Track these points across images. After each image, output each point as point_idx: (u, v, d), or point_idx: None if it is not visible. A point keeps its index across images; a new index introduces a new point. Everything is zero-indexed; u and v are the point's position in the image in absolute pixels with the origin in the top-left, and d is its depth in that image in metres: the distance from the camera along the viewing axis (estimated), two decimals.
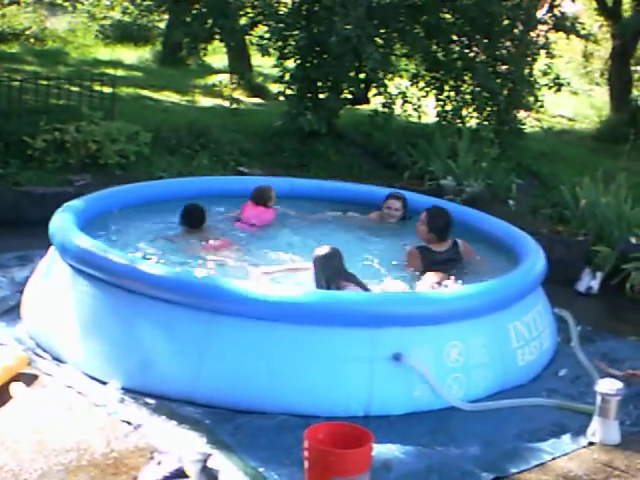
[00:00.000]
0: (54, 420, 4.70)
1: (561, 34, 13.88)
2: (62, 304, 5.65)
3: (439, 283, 6.14)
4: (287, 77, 11.55)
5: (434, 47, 11.92)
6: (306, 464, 4.00)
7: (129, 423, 4.72)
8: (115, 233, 6.88)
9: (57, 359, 5.49)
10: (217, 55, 18.19)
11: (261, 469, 4.33)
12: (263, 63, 16.49)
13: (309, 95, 11.50)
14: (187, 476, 4.07)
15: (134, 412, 4.84)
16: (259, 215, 7.51)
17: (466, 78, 11.99)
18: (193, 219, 6.98)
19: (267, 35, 11.51)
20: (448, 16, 11.90)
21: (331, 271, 5.66)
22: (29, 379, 5.16)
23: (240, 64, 16.03)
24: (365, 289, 5.65)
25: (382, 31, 11.31)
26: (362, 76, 11.60)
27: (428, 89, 12.30)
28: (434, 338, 5.28)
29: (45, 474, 4.14)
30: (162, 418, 4.79)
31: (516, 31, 11.95)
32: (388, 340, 5.12)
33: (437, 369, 5.20)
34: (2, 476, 4.08)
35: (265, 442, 4.61)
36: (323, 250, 5.74)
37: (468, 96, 12.00)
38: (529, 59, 12.12)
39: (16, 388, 5.00)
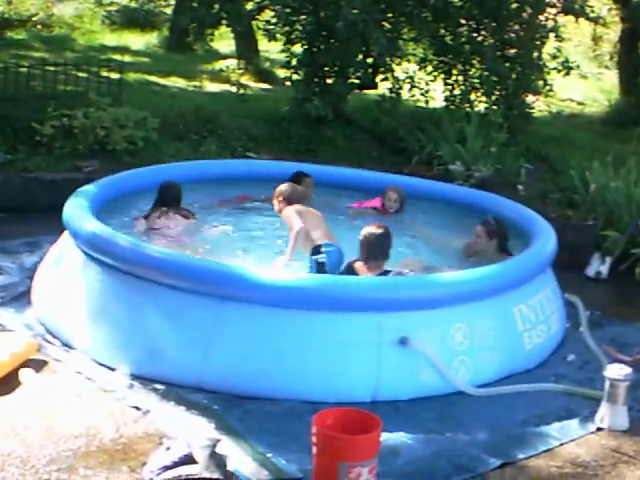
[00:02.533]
0: (63, 406, 4.72)
1: (570, 17, 13.78)
2: (72, 290, 5.67)
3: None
4: (294, 62, 11.51)
5: (442, 31, 11.84)
6: (314, 450, 4.01)
7: (138, 409, 4.74)
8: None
9: (66, 345, 5.50)
10: (224, 40, 18.13)
11: (269, 455, 4.35)
12: (270, 48, 16.43)
13: (316, 80, 11.46)
14: (196, 462, 4.08)
15: (143, 398, 4.86)
16: (369, 201, 7.99)
17: (474, 62, 11.92)
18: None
19: (274, 20, 11.47)
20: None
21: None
22: (38, 365, 5.18)
23: (247, 49, 15.98)
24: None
25: (389, 15, 11.25)
26: (370, 61, 11.55)
27: (436, 73, 12.24)
28: (439, 321, 5.29)
29: (54, 460, 4.16)
30: (171, 404, 4.81)
31: (524, 14, 11.85)
32: (394, 324, 5.13)
33: (442, 352, 5.21)
34: (11, 462, 4.10)
35: (273, 428, 4.63)
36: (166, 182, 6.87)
37: (476, 80, 11.94)
38: (538, 42, 12.02)
39: (25, 374, 5.02)
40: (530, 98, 12.45)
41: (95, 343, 5.37)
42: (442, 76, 12.18)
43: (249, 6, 11.68)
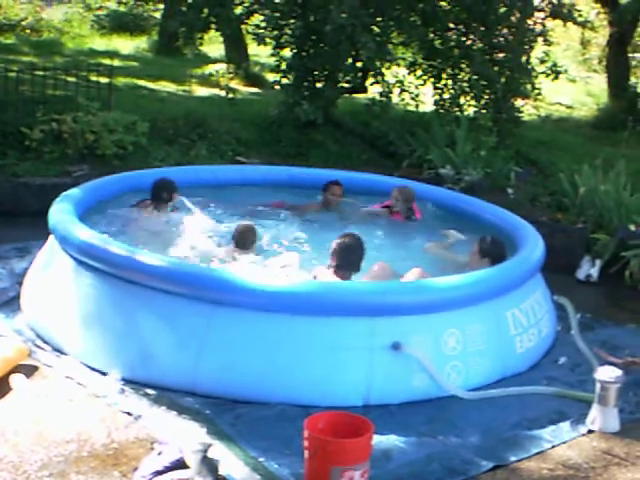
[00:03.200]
0: (54, 411, 4.70)
1: (558, 21, 13.83)
2: (63, 295, 5.64)
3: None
4: (283, 66, 11.52)
5: (431, 35, 11.87)
6: (306, 454, 4.01)
7: (129, 414, 4.72)
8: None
9: (57, 350, 5.48)
10: (213, 44, 18.11)
11: (261, 459, 4.34)
12: (260, 52, 16.44)
13: (306, 84, 11.47)
14: (187, 466, 4.08)
15: (134, 403, 4.85)
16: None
17: (463, 66, 11.96)
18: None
19: (263, 24, 11.48)
20: (444, 3, 11.85)
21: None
22: (29, 370, 5.16)
23: (236, 53, 15.99)
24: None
25: (378, 19, 11.27)
26: (359, 65, 11.57)
27: (425, 77, 12.27)
28: (432, 326, 5.28)
29: (45, 465, 4.14)
30: (162, 409, 4.79)
31: (513, 18, 11.90)
32: (386, 329, 5.12)
33: (435, 357, 5.20)
34: (2, 467, 4.08)
35: (265, 432, 4.62)
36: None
37: (465, 84, 11.97)
38: (526, 47, 12.07)
39: (16, 380, 5.00)
40: (519, 102, 12.50)
41: (86, 348, 5.34)
42: (431, 80, 12.21)
43: (238, 10, 11.70)
